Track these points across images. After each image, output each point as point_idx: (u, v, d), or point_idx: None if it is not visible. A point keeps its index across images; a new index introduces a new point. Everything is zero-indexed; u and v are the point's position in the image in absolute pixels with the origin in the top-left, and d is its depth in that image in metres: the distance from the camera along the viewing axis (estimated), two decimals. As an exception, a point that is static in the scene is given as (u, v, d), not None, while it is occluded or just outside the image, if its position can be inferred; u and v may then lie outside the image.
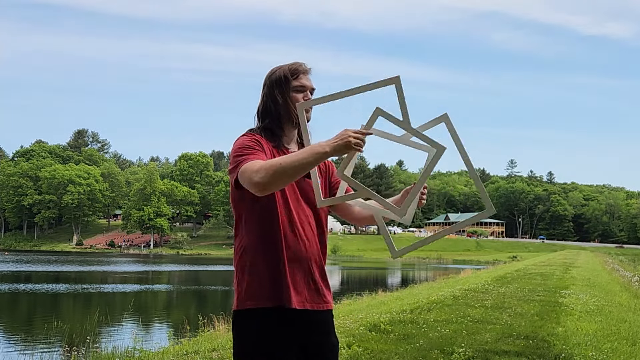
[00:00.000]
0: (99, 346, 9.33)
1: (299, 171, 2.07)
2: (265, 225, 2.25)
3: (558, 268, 25.16)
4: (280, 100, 2.34)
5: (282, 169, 2.05)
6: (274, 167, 2.06)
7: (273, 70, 2.40)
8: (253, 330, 2.22)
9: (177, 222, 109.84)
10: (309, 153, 2.06)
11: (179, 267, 50.98)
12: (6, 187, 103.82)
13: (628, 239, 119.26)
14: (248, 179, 2.11)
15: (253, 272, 2.25)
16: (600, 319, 8.56)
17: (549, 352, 5.80)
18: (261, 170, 2.07)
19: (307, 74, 2.39)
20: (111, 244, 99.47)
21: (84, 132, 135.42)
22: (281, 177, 2.06)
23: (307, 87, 2.37)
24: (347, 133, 2.05)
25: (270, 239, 2.25)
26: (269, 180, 2.06)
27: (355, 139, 2.04)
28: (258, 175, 2.07)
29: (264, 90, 2.39)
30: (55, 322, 11.70)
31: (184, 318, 13.37)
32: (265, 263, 2.24)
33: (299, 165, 2.05)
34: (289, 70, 2.36)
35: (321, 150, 2.05)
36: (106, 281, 33.74)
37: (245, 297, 2.24)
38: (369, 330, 7.00)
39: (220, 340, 7.47)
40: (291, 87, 2.35)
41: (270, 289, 2.23)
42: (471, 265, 52.52)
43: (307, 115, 2.33)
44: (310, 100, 2.30)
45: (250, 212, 2.28)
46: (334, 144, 2.05)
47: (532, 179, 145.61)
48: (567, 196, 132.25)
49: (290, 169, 2.05)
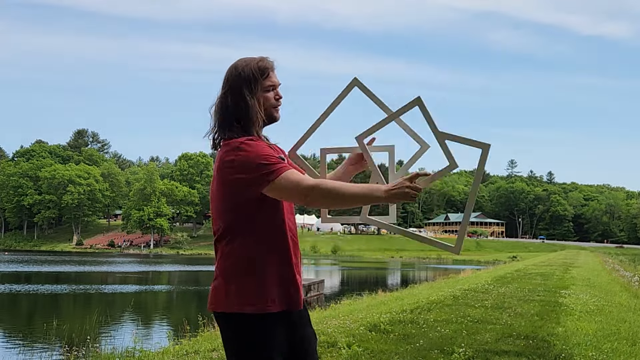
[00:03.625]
0: (98, 346, 9.32)
1: (352, 204, 2.16)
2: (276, 230, 2.27)
3: (558, 268, 25.15)
4: (250, 101, 2.28)
5: (340, 197, 2.14)
6: (334, 191, 2.14)
7: (239, 66, 2.31)
8: (256, 334, 2.20)
9: (177, 222, 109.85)
10: (367, 193, 2.15)
11: (179, 267, 50.97)
12: (6, 187, 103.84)
13: (628, 239, 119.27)
14: (302, 191, 2.15)
15: (261, 277, 2.22)
16: (600, 319, 8.55)
17: (549, 352, 5.80)
18: (321, 188, 2.15)
19: (274, 70, 2.35)
20: (111, 244, 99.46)
21: (84, 132, 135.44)
22: (335, 202, 2.16)
23: (276, 84, 2.35)
24: (405, 184, 2.12)
25: (280, 245, 2.27)
26: (324, 200, 2.16)
27: (411, 190, 2.11)
28: (317, 191, 2.14)
29: (232, 89, 2.30)
30: (55, 322, 11.70)
31: (184, 318, 13.36)
32: (275, 268, 2.25)
33: (355, 200, 2.15)
34: (258, 69, 2.30)
35: (378, 195, 2.14)
36: (106, 281, 33.74)
37: (246, 301, 2.21)
38: (369, 330, 6.99)
39: (220, 340, 7.46)
40: (261, 87, 2.30)
41: (278, 294, 2.23)
42: (471, 265, 52.50)
43: (278, 114, 2.36)
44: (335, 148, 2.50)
45: (252, 219, 2.25)
46: (391, 191, 2.12)
47: (532, 179, 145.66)
48: (567, 196, 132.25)
49: (348, 199, 2.14)
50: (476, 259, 72.81)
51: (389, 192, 2.12)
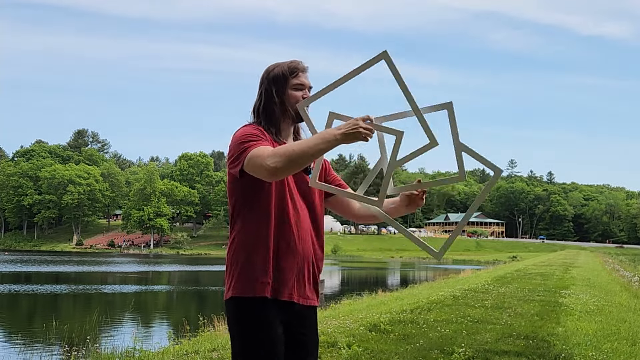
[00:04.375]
0: (99, 346, 9.32)
1: (310, 157, 2.13)
2: (266, 217, 2.29)
3: (558, 268, 25.15)
4: (278, 98, 2.37)
5: (295, 155, 2.10)
6: (287, 152, 2.11)
7: (271, 67, 2.42)
8: (254, 317, 2.26)
9: (177, 222, 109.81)
10: (320, 139, 2.12)
11: (179, 267, 50.96)
12: (6, 187, 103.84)
13: (628, 239, 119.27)
14: (259, 164, 2.15)
15: (248, 264, 2.29)
16: (600, 319, 8.55)
17: (549, 352, 5.80)
18: (275, 156, 2.12)
19: (305, 72, 2.43)
20: (111, 244, 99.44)
21: (84, 132, 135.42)
22: (294, 163, 2.12)
23: (306, 85, 2.41)
24: (357, 123, 2.10)
25: (263, 232, 2.29)
26: (282, 165, 2.11)
27: (364, 129, 2.09)
28: (271, 159, 2.12)
29: (262, 88, 2.41)
30: (55, 322, 11.70)
31: (184, 318, 13.36)
32: (259, 256, 2.28)
33: (311, 152, 2.11)
34: (288, 69, 2.38)
35: (332, 137, 2.10)
36: (106, 281, 33.73)
37: (241, 287, 2.28)
38: (369, 330, 7.00)
39: (220, 340, 7.46)
40: (290, 85, 2.38)
41: (262, 281, 2.27)
42: (471, 265, 52.54)
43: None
44: (309, 97, 2.34)
45: (247, 205, 2.31)
46: (344, 132, 2.10)
47: (532, 179, 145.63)
48: (567, 196, 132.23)
49: (303, 154, 2.10)
50: (476, 259, 72.80)
51: (342, 133, 2.09)
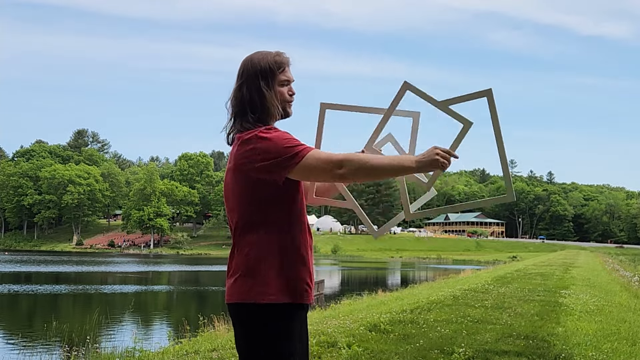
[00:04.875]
0: (99, 346, 9.33)
1: (383, 176, 2.13)
2: (294, 224, 2.25)
3: (558, 268, 25.14)
4: (267, 93, 2.27)
5: (372, 168, 2.09)
6: (365, 163, 2.09)
7: (255, 58, 2.31)
8: (281, 324, 2.19)
9: (177, 222, 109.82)
10: (398, 164, 2.11)
11: (179, 267, 50.98)
12: (6, 187, 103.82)
13: (628, 239, 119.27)
14: (326, 166, 2.12)
15: (289, 271, 2.22)
16: (600, 319, 8.55)
17: (549, 352, 5.79)
18: (349, 162, 2.10)
19: (289, 65, 2.35)
20: (111, 244, 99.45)
21: (84, 132, 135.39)
22: (367, 175, 2.11)
23: (291, 80, 2.35)
24: (434, 151, 2.08)
25: (297, 238, 2.25)
26: (355, 173, 2.10)
27: (442, 158, 2.07)
28: (345, 164, 2.09)
29: (248, 80, 2.29)
30: (55, 322, 11.70)
31: (184, 318, 13.37)
32: (298, 263, 2.24)
33: (386, 172, 2.11)
34: (275, 63, 2.30)
35: (408, 164, 2.10)
36: (106, 281, 33.74)
37: (269, 293, 2.18)
38: (369, 330, 6.99)
39: (221, 340, 7.47)
40: (277, 81, 2.30)
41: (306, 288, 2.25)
42: (471, 265, 52.52)
43: (290, 110, 2.36)
44: (334, 105, 2.32)
45: (279, 211, 2.23)
46: (421, 160, 2.08)
47: (532, 179, 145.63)
48: (567, 196, 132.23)
49: (379, 171, 2.10)
50: (476, 259, 72.83)
51: (419, 162, 2.08)
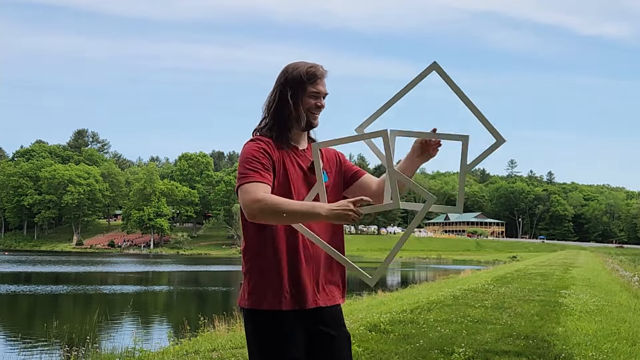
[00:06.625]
0: (99, 346, 9.32)
1: (293, 221, 2.16)
2: (280, 229, 2.26)
3: (558, 268, 25.14)
4: (292, 103, 2.31)
5: (280, 213, 2.11)
6: (275, 208, 2.11)
7: (290, 68, 2.35)
8: (270, 330, 2.24)
9: (177, 222, 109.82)
10: (308, 211, 2.12)
11: (179, 267, 50.97)
12: (6, 187, 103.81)
13: (628, 239, 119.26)
14: (246, 204, 2.16)
15: (264, 274, 2.26)
16: (600, 319, 8.55)
17: (549, 352, 5.79)
18: (261, 203, 2.12)
19: (323, 78, 2.36)
20: (111, 244, 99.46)
21: (84, 132, 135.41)
22: (275, 219, 2.14)
23: (322, 93, 2.35)
24: (348, 207, 2.09)
25: (284, 243, 2.26)
26: (263, 216, 2.13)
27: (354, 213, 2.08)
28: (257, 205, 2.13)
29: (278, 87, 2.34)
30: (55, 322, 11.69)
31: (184, 318, 13.35)
32: (273, 266, 2.25)
33: (295, 217, 2.14)
34: (307, 74, 2.31)
35: (320, 212, 2.10)
36: (106, 281, 33.73)
37: (258, 298, 2.26)
38: (369, 330, 6.99)
39: (220, 340, 7.47)
40: (306, 92, 2.32)
41: (278, 294, 2.24)
42: (471, 265, 52.49)
43: (315, 122, 2.36)
44: (323, 142, 2.30)
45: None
46: (333, 211, 2.09)
47: (532, 179, 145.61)
48: (567, 196, 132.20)
49: (288, 216, 2.12)
50: (476, 259, 72.80)
51: (331, 211, 2.09)
